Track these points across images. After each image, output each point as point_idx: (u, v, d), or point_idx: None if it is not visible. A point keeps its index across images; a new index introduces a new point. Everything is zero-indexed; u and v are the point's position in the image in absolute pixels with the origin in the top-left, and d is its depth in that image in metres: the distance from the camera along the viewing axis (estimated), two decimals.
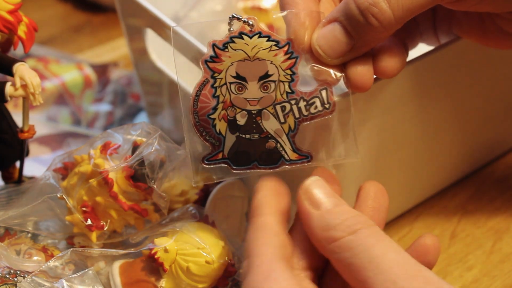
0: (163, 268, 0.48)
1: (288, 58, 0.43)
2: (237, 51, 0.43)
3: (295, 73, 0.44)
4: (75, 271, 0.49)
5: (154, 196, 0.49)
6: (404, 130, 0.56)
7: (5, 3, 0.48)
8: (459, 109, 0.59)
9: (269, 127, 0.43)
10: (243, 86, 0.43)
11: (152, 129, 0.50)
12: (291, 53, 0.44)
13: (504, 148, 0.67)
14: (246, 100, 0.43)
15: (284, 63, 0.43)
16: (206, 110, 0.43)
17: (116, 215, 0.50)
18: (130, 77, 0.79)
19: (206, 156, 0.44)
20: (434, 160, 0.61)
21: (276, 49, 0.43)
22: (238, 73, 0.43)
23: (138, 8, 0.59)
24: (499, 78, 0.61)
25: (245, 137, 0.44)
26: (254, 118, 0.43)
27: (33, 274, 0.48)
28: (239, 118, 0.43)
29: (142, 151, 0.49)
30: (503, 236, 0.60)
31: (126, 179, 0.49)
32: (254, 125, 0.44)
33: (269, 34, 0.43)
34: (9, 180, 0.55)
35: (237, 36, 0.43)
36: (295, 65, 0.44)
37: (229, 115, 0.43)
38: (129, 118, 0.75)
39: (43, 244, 0.52)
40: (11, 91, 0.48)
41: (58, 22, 0.90)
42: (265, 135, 0.44)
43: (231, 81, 0.43)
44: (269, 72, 0.43)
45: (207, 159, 0.44)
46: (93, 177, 0.49)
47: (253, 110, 0.43)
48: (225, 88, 0.43)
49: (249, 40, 0.43)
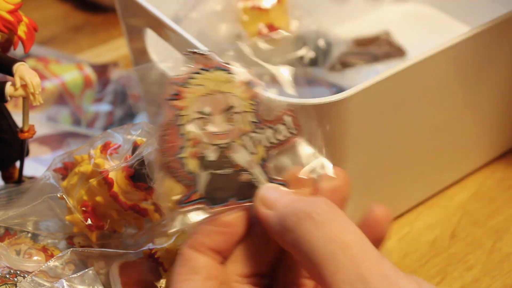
0: (163, 268, 0.48)
1: (249, 88, 0.43)
2: (198, 86, 0.42)
3: (259, 103, 0.43)
4: (75, 271, 0.49)
5: (154, 196, 0.49)
6: (405, 129, 0.56)
7: (5, 3, 0.48)
8: (459, 109, 0.60)
9: (241, 159, 0.43)
10: (208, 121, 0.42)
11: (153, 129, 0.50)
12: (249, 83, 0.43)
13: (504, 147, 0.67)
14: (214, 134, 0.43)
15: (245, 94, 0.43)
16: (174, 150, 0.42)
17: (116, 215, 0.50)
18: (130, 77, 0.79)
19: (181, 198, 0.42)
20: (434, 159, 0.61)
21: (234, 80, 0.43)
22: (202, 109, 0.43)
23: (138, 8, 0.59)
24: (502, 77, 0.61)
25: (218, 173, 0.42)
26: (223, 151, 0.42)
27: (33, 274, 0.48)
28: (210, 154, 0.42)
29: (142, 151, 0.49)
30: (503, 236, 0.60)
31: (126, 179, 0.49)
32: (225, 160, 0.42)
33: (227, 68, 0.43)
34: (9, 180, 0.55)
35: (196, 72, 0.43)
36: (257, 94, 0.43)
37: (198, 152, 0.42)
38: (129, 118, 0.75)
39: (43, 244, 0.52)
40: (11, 91, 0.48)
41: (58, 22, 0.90)
42: (238, 168, 0.42)
43: (196, 117, 0.42)
44: (232, 105, 0.43)
45: (183, 202, 0.42)
46: (93, 177, 0.49)
47: (222, 144, 0.42)
48: (190, 125, 0.42)
49: (209, 75, 0.43)
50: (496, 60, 0.60)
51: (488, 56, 0.58)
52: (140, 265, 0.49)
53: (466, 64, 0.57)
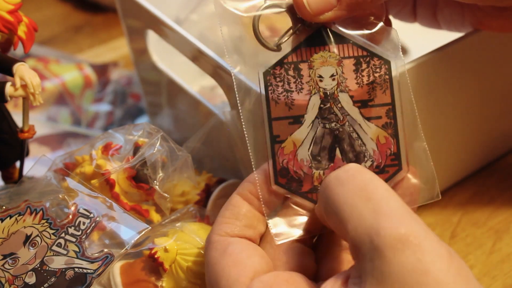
0: (163, 267, 0.48)
1: (34, 215, 0.47)
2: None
3: (49, 218, 0.47)
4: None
5: (156, 197, 0.49)
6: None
7: (5, 3, 0.48)
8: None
9: (58, 265, 0.46)
10: (15, 258, 0.46)
11: (154, 129, 0.50)
12: (35, 210, 0.48)
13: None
14: (24, 265, 0.46)
15: (34, 221, 0.47)
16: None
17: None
18: (130, 77, 0.79)
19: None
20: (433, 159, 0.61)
21: (22, 216, 0.47)
22: (4, 253, 0.46)
23: (138, 9, 0.59)
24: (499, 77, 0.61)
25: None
26: (40, 269, 0.46)
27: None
28: (29, 279, 0.46)
29: (145, 152, 0.49)
30: (503, 236, 0.60)
31: (128, 179, 0.49)
32: (44, 273, 0.46)
33: (9, 213, 0.47)
34: (9, 180, 0.55)
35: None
36: (44, 213, 0.47)
37: (18, 285, 0.45)
38: (129, 118, 0.75)
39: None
40: (11, 91, 0.48)
41: (58, 22, 0.90)
42: (59, 272, 0.46)
43: (3, 263, 0.46)
44: (28, 234, 0.47)
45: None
46: (94, 178, 0.49)
47: (36, 266, 0.46)
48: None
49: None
50: (496, 60, 0.60)
51: (487, 56, 0.58)
52: (141, 265, 0.49)
53: (466, 65, 0.57)
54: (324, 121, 0.45)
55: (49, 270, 0.46)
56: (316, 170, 0.45)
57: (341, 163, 0.45)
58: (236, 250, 0.42)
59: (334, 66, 0.46)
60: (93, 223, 0.47)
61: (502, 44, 0.59)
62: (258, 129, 0.46)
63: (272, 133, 0.45)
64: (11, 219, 0.47)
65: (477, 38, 0.56)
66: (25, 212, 0.47)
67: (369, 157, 0.45)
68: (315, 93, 0.45)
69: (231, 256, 0.42)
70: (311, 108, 0.45)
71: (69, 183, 0.49)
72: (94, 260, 0.46)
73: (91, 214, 0.47)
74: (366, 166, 0.45)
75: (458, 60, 0.56)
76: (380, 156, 0.45)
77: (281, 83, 0.45)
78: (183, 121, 0.66)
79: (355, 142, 0.45)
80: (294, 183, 0.44)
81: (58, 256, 0.46)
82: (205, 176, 0.58)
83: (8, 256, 0.46)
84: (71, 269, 0.46)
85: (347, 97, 0.45)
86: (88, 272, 0.46)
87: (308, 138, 0.45)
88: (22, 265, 0.46)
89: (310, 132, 0.45)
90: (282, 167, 0.45)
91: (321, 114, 0.45)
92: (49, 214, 0.47)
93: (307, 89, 0.45)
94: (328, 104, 0.45)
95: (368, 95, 0.46)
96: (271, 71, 0.45)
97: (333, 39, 0.46)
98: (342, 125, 0.45)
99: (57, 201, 0.48)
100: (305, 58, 0.45)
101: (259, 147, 0.45)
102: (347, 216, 0.38)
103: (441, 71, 0.55)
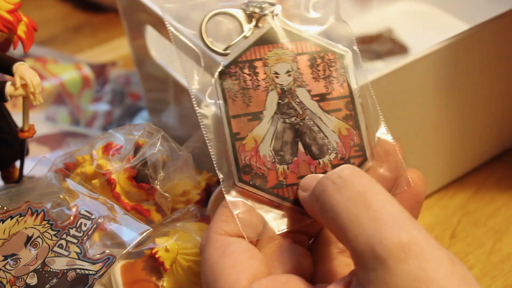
0: (164, 267, 0.48)
1: (35, 216, 0.47)
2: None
3: (50, 219, 0.47)
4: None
5: (157, 197, 0.49)
6: (404, 126, 0.56)
7: (5, 3, 0.47)
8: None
9: (60, 266, 0.46)
10: (16, 259, 0.46)
11: (154, 129, 0.50)
12: (36, 211, 0.47)
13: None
14: (26, 266, 0.46)
15: (35, 222, 0.47)
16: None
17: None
18: (128, 76, 0.79)
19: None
20: (433, 159, 0.61)
21: (23, 217, 0.47)
22: (5, 254, 0.46)
23: (139, 6, 0.59)
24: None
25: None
26: (42, 270, 0.46)
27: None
28: (30, 280, 0.46)
29: (145, 152, 0.49)
30: (503, 236, 0.60)
31: (128, 179, 0.49)
32: (46, 275, 0.46)
33: (10, 214, 0.47)
34: (9, 180, 0.55)
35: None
36: (46, 214, 0.47)
37: (20, 286, 0.45)
38: (128, 117, 0.75)
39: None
40: (11, 91, 0.48)
41: (58, 22, 0.90)
42: (60, 273, 0.46)
43: (4, 264, 0.46)
44: (30, 235, 0.47)
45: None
46: (95, 178, 0.49)
47: (37, 267, 0.46)
48: (1, 272, 0.46)
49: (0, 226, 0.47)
50: (495, 58, 0.60)
51: (487, 54, 0.59)
52: (141, 265, 0.49)
53: (466, 62, 0.57)
54: (284, 116, 0.46)
55: (51, 271, 0.46)
56: (279, 165, 0.45)
57: (305, 156, 0.45)
58: (236, 251, 0.42)
59: (289, 63, 0.46)
60: (94, 225, 0.47)
61: (497, 43, 0.59)
62: (218, 128, 0.46)
63: (232, 130, 0.45)
64: (12, 220, 0.47)
65: (476, 37, 0.56)
66: (26, 213, 0.47)
67: (333, 149, 0.46)
68: (272, 89, 0.46)
69: (231, 257, 0.42)
70: (269, 104, 0.46)
71: (70, 184, 0.48)
72: (95, 262, 0.46)
73: (93, 216, 0.47)
74: (331, 159, 0.45)
75: (453, 59, 0.56)
76: (344, 148, 0.46)
77: (237, 81, 0.46)
78: (187, 118, 0.66)
79: (317, 135, 0.46)
80: (258, 179, 0.44)
81: (60, 257, 0.46)
82: (206, 175, 0.58)
83: (9, 257, 0.46)
84: (72, 270, 0.46)
85: (305, 92, 0.46)
86: (89, 273, 0.46)
87: (269, 133, 0.45)
88: (23, 266, 0.46)
89: (271, 127, 0.45)
90: (245, 164, 0.45)
91: (280, 110, 0.46)
92: (50, 215, 0.47)
93: (263, 85, 0.46)
94: (286, 99, 0.46)
95: (325, 89, 0.46)
96: (226, 70, 0.46)
97: (286, 36, 0.47)
98: (302, 119, 0.46)
99: (58, 202, 0.48)
100: (259, 56, 0.46)
101: (220, 145, 0.46)
102: (347, 224, 0.38)
103: (438, 68, 0.55)
